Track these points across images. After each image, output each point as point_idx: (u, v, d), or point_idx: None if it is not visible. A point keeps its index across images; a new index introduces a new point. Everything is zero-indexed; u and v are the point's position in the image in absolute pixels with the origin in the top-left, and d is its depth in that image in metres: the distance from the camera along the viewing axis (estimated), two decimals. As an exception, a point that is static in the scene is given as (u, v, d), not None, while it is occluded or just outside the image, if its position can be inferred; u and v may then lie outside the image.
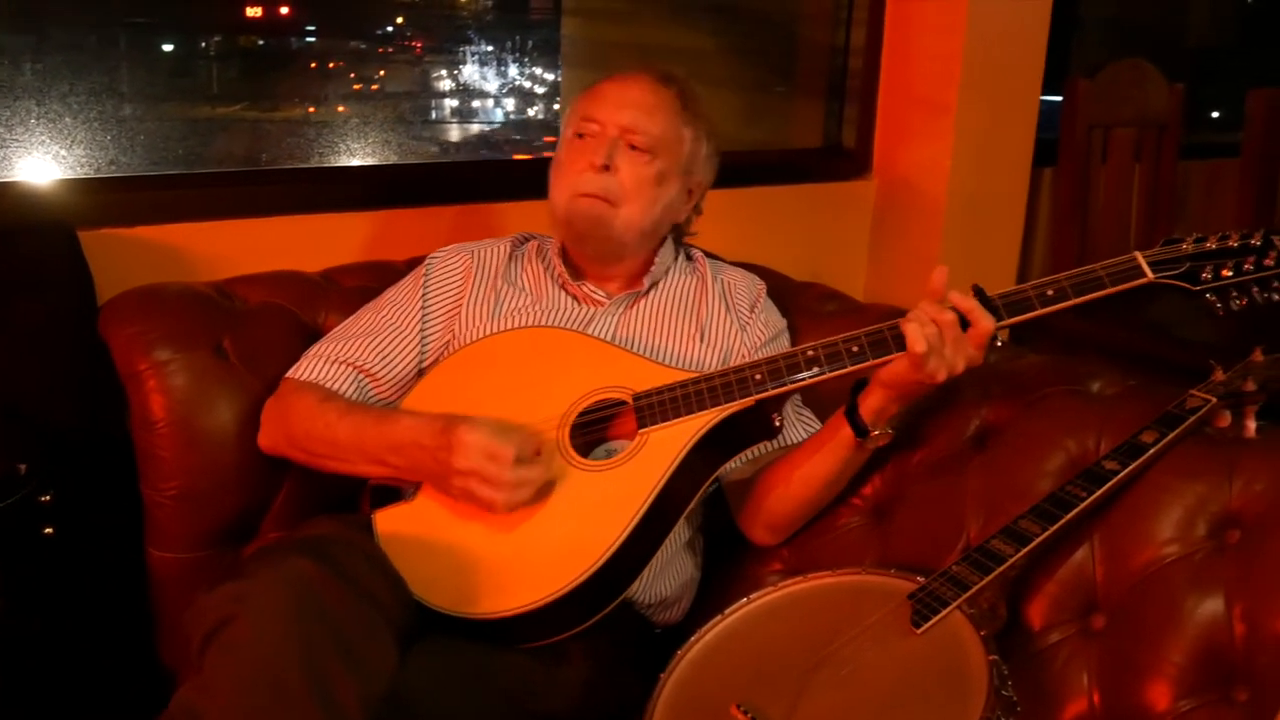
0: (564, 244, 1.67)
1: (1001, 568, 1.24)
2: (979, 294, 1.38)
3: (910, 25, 2.65)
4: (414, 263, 1.85)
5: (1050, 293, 1.36)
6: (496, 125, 3.49)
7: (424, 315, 1.63)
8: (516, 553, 1.39)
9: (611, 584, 1.37)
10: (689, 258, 1.76)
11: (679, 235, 1.75)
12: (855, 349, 1.41)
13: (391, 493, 1.48)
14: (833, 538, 1.57)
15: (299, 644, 1.11)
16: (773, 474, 1.56)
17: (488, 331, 1.60)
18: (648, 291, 1.67)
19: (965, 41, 2.53)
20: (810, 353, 1.43)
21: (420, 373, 1.61)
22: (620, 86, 1.62)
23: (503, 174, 2.43)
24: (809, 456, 1.52)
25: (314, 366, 1.58)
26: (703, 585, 1.64)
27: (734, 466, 1.59)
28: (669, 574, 1.56)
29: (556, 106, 3.95)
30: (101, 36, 2.18)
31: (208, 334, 1.64)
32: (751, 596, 1.38)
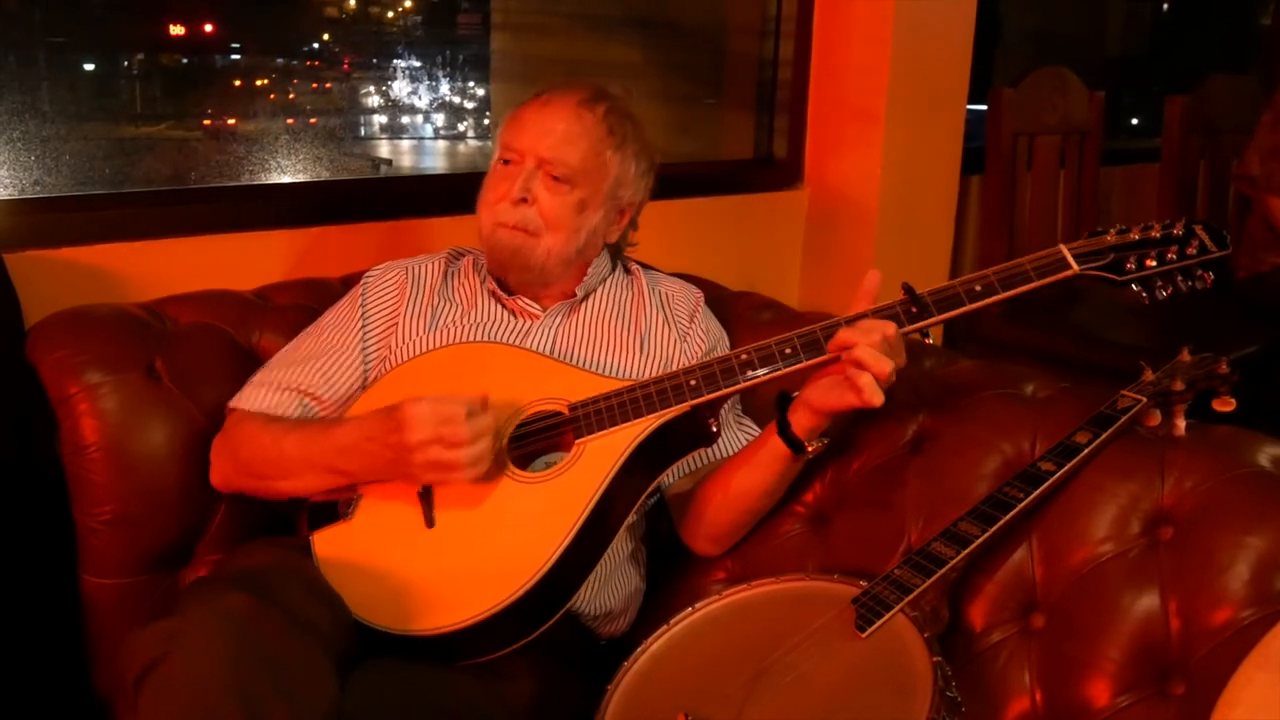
0: None
1: (942, 570, 1.26)
2: (908, 291, 1.40)
3: (838, 36, 2.68)
4: (349, 279, 1.84)
5: (978, 288, 1.38)
6: (426, 139, 3.48)
7: (364, 333, 1.62)
8: (455, 568, 1.38)
9: (553, 596, 1.36)
10: (626, 270, 1.77)
11: (616, 250, 1.75)
12: (789, 350, 1.42)
13: (329, 513, 1.46)
14: (775, 545, 1.58)
15: (234, 682, 1.08)
16: (712, 485, 1.56)
17: (425, 346, 1.59)
18: (583, 300, 1.67)
19: (892, 52, 2.57)
20: (744, 356, 1.43)
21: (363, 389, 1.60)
22: (541, 114, 1.60)
23: (431, 189, 2.42)
24: (746, 468, 1.53)
25: (257, 395, 1.56)
26: (648, 596, 1.64)
27: (674, 478, 1.60)
28: (613, 586, 1.56)
29: (487, 121, 3.95)
30: (21, 55, 2.13)
31: (139, 355, 1.61)
32: (696, 606, 1.38)
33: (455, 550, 1.38)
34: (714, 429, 1.45)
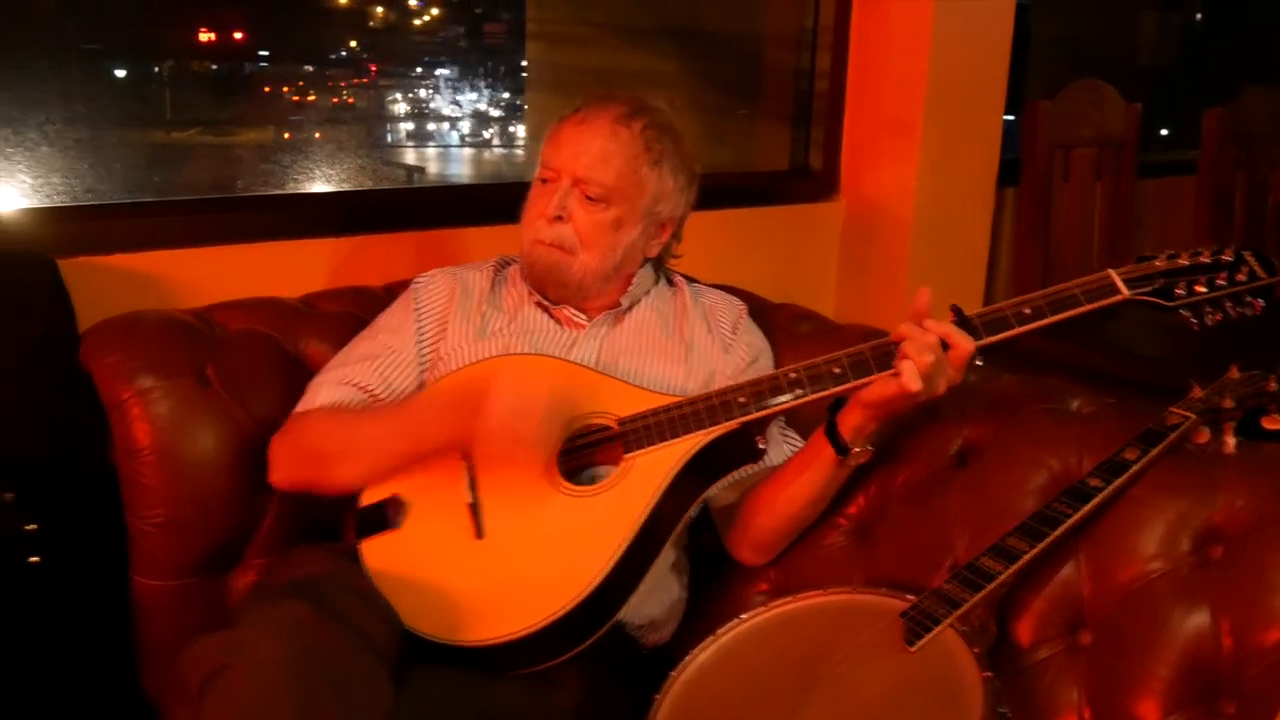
0: None
1: (992, 585, 1.26)
2: (957, 314, 1.41)
3: (875, 48, 2.69)
4: (392, 287, 1.86)
5: (1027, 311, 1.39)
6: (456, 147, 3.51)
7: (418, 337, 1.64)
8: (506, 579, 1.39)
9: (602, 608, 1.38)
10: (670, 282, 1.78)
11: (659, 262, 1.76)
12: (837, 370, 1.43)
13: (378, 521, 1.47)
14: (818, 557, 1.59)
15: (295, 692, 1.10)
16: (758, 495, 1.57)
17: (474, 354, 1.61)
18: (627, 311, 1.68)
19: (930, 63, 2.58)
20: (793, 375, 1.44)
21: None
22: (577, 132, 1.60)
23: (470, 199, 2.43)
24: (792, 477, 1.54)
25: (319, 393, 1.58)
26: (689, 606, 1.65)
27: (719, 490, 1.61)
28: (657, 596, 1.57)
29: (520, 130, 3.96)
30: (71, 65, 2.17)
31: (190, 361, 1.63)
32: (743, 616, 1.39)
33: (505, 561, 1.40)
34: (760, 446, 1.47)
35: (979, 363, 1.42)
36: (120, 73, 2.52)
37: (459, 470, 1.45)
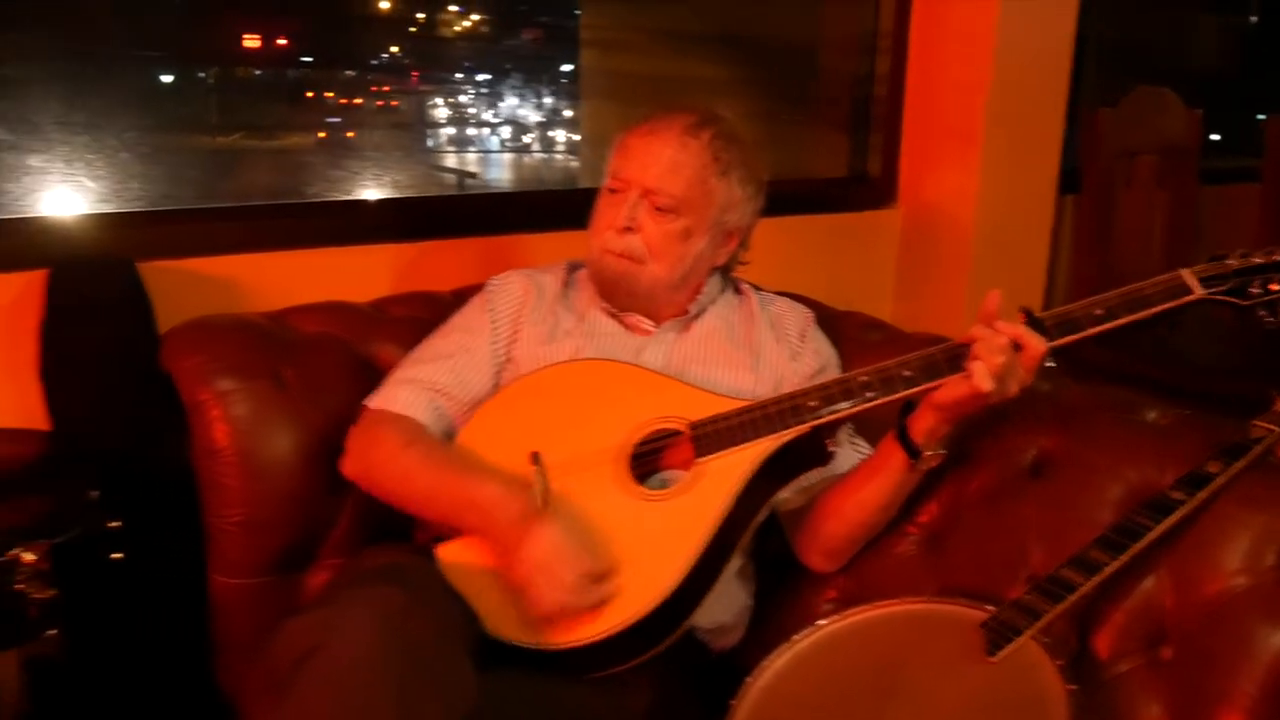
0: None
1: (1073, 597, 1.26)
2: (1028, 316, 1.40)
3: (935, 53, 2.68)
4: (460, 292, 1.88)
5: (1099, 312, 1.38)
6: (506, 153, 3.53)
7: (493, 337, 1.65)
8: None
9: (678, 612, 1.39)
10: (736, 290, 1.78)
11: (725, 270, 1.76)
12: (908, 374, 1.43)
13: None
14: (889, 565, 1.59)
15: (388, 673, 1.13)
16: (828, 500, 1.57)
17: (544, 356, 1.62)
18: (695, 318, 1.69)
19: (992, 69, 2.56)
20: (863, 378, 1.45)
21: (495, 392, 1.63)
22: (646, 143, 1.60)
23: (534, 206, 2.45)
24: (863, 481, 1.54)
25: (394, 393, 1.59)
26: (756, 612, 1.65)
27: (787, 494, 1.61)
28: (725, 601, 1.57)
29: (577, 137, 3.97)
30: (125, 72, 2.20)
31: (267, 364, 1.66)
32: (819, 623, 1.39)
33: (580, 565, 1.41)
34: (830, 450, 1.47)
35: (1050, 364, 1.42)
36: (167, 78, 2.56)
37: (531, 475, 1.46)
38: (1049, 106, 2.73)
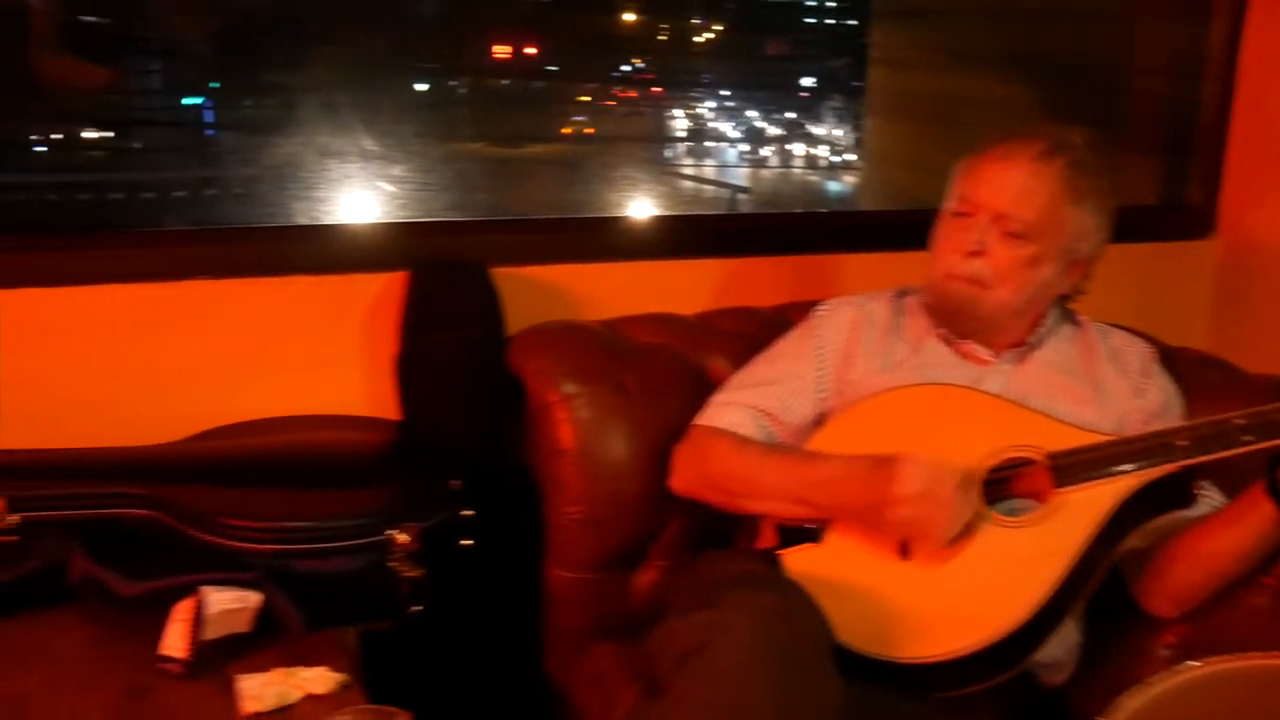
0: None
1: None
2: None
3: (1268, 79, 2.54)
4: (782, 310, 1.91)
5: None
6: (810, 172, 3.56)
7: (819, 367, 1.67)
8: (935, 601, 1.41)
9: (1029, 640, 1.38)
10: (1074, 321, 1.74)
11: (1063, 300, 1.73)
12: None
13: (803, 533, 1.52)
14: (1239, 616, 1.52)
15: (770, 676, 1.17)
16: (1179, 544, 1.52)
17: (880, 385, 1.62)
18: (1034, 348, 1.66)
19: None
20: (1239, 421, 1.39)
21: (818, 422, 1.65)
22: (999, 168, 1.59)
23: (851, 226, 2.46)
24: (1220, 528, 1.48)
25: (723, 413, 1.64)
26: (1084, 650, 1.61)
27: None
28: (1060, 637, 1.53)
29: (854, 157, 3.96)
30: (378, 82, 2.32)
31: (609, 370, 1.73)
32: (1177, 668, 1.34)
33: (934, 583, 1.42)
34: (1194, 493, 1.42)
35: None
36: (421, 87, 2.68)
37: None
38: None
